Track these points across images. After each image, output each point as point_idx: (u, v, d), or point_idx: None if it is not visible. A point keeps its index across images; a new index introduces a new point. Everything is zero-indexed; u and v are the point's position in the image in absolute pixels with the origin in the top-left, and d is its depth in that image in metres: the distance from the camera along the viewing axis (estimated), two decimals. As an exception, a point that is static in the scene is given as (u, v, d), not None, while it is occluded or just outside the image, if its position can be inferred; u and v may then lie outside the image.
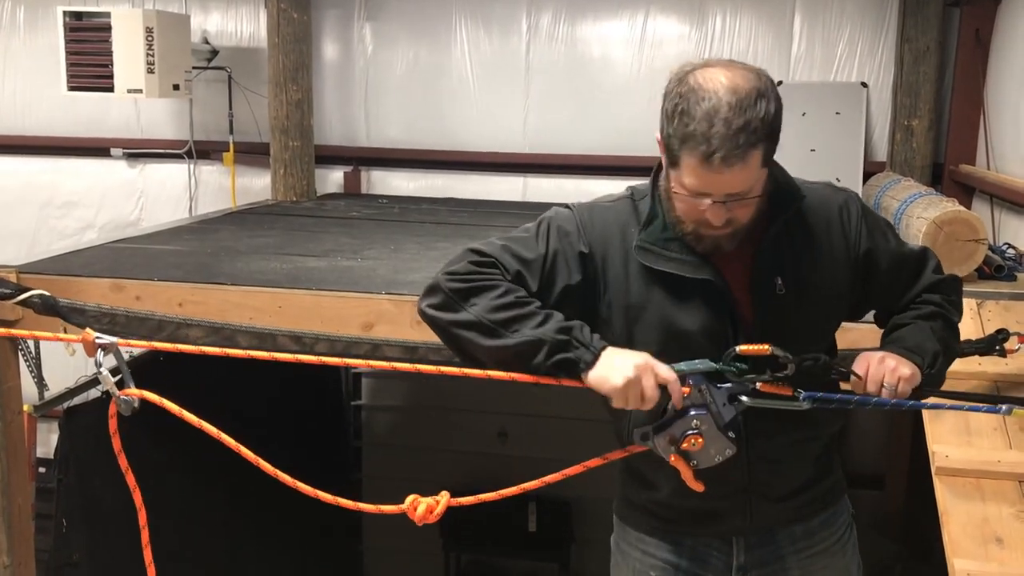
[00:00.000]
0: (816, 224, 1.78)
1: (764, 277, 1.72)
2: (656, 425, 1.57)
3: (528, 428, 5.59)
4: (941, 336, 1.79)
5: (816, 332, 1.78)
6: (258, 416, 4.63)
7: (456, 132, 5.75)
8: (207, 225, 4.66)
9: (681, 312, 1.71)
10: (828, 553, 1.95)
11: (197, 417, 1.70)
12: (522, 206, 5.52)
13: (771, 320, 1.71)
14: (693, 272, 1.70)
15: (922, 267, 1.89)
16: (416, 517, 1.35)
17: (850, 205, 1.83)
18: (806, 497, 1.90)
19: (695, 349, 1.68)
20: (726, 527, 1.88)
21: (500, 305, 1.64)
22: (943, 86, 5.04)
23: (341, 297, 3.13)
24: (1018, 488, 2.31)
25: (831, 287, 1.77)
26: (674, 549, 1.92)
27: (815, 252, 1.77)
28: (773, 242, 1.73)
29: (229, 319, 3.15)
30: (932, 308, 1.84)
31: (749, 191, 1.61)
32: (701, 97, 1.55)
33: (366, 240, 4.15)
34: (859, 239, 1.81)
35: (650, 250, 1.71)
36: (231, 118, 5.87)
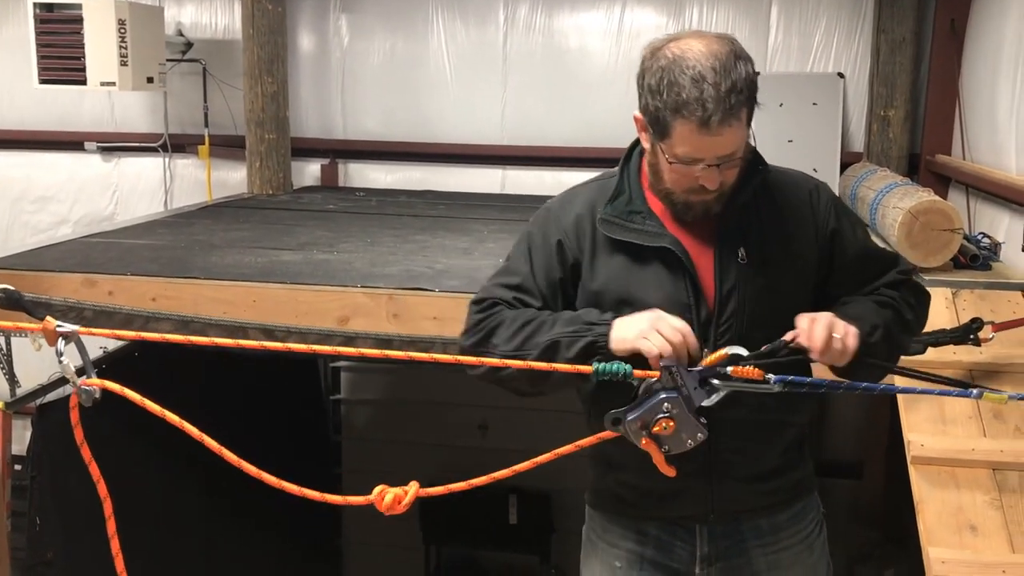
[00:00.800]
0: (785, 200, 1.81)
1: (727, 246, 1.75)
2: (627, 409, 1.56)
3: (508, 421, 5.57)
4: (886, 318, 1.75)
5: (780, 306, 1.73)
6: (235, 411, 4.59)
7: (434, 124, 5.71)
8: (182, 219, 4.61)
9: (643, 282, 1.75)
10: (795, 550, 1.92)
11: (170, 411, 1.68)
12: (501, 198, 5.50)
13: (733, 290, 1.74)
14: (652, 241, 1.74)
15: (887, 267, 1.88)
16: (383, 507, 1.33)
17: (821, 190, 1.86)
18: (771, 485, 1.87)
19: None
20: (689, 511, 1.85)
21: (511, 334, 1.73)
22: (919, 76, 5.05)
23: (316, 291, 3.10)
24: (992, 476, 2.32)
25: (796, 261, 1.78)
26: (639, 539, 1.91)
27: (781, 226, 1.79)
28: (739, 212, 1.76)
29: (203, 314, 3.11)
30: (885, 298, 1.81)
31: (739, 151, 1.66)
32: (685, 66, 1.60)
33: (342, 233, 4.13)
34: (827, 219, 1.83)
35: (612, 222, 1.77)
36: (206, 111, 5.82)
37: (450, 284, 3.13)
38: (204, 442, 1.36)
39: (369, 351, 1.48)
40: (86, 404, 1.32)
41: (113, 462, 3.93)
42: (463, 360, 1.50)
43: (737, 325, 1.74)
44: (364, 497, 1.35)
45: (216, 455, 1.30)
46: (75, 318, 2.38)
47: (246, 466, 1.38)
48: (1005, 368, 2.62)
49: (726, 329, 1.73)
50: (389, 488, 1.34)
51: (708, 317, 1.73)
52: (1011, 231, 3.88)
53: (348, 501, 1.34)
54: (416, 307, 2.98)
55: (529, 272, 1.81)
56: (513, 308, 1.78)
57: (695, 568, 1.88)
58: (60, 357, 1.29)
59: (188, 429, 1.36)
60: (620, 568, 1.93)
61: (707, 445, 1.73)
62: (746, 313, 1.73)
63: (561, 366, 1.61)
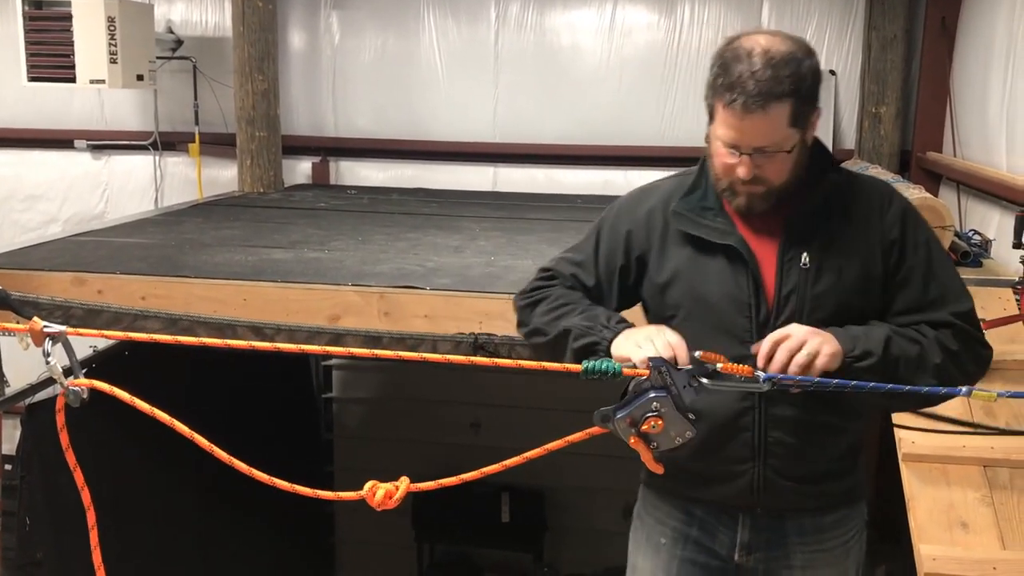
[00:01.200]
0: (857, 209, 1.80)
1: (790, 250, 1.77)
2: (616, 407, 1.56)
3: (501, 419, 5.57)
4: (897, 351, 1.69)
5: (841, 313, 1.74)
6: (227, 409, 4.58)
7: (425, 122, 5.71)
8: (172, 217, 4.59)
9: (707, 277, 1.80)
10: (833, 554, 1.93)
11: (161, 409, 1.68)
12: (492, 196, 5.50)
13: (792, 293, 1.76)
14: (720, 238, 1.79)
15: (943, 302, 1.77)
16: (375, 503, 1.33)
17: (896, 199, 1.84)
18: (821, 489, 1.87)
19: (719, 314, 1.77)
20: (736, 500, 1.87)
21: (549, 308, 1.85)
22: (910, 74, 5.07)
23: (307, 289, 3.09)
24: (983, 473, 2.32)
25: (860, 270, 1.76)
26: (686, 518, 1.95)
27: (849, 234, 1.78)
28: (806, 217, 1.78)
29: (193, 312, 3.10)
30: (915, 334, 1.73)
31: (775, 146, 1.68)
32: (738, 56, 1.66)
33: (333, 231, 4.11)
34: (892, 228, 1.79)
35: (685, 215, 1.82)
36: (196, 109, 5.80)
37: (441, 282, 3.12)
38: (195, 440, 1.35)
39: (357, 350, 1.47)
40: (74, 405, 1.31)
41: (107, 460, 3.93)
42: (452, 359, 1.50)
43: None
44: (355, 492, 1.34)
45: (209, 453, 1.31)
46: (63, 317, 2.37)
47: (236, 463, 1.37)
48: (996, 365, 2.59)
49: None
50: (380, 484, 1.34)
51: (767, 317, 1.76)
52: (1001, 228, 3.89)
53: (340, 497, 1.34)
54: (407, 305, 2.98)
55: (593, 254, 1.91)
56: (568, 284, 1.90)
57: (735, 553, 1.92)
58: (47, 358, 1.28)
59: (178, 427, 1.35)
60: (665, 544, 1.98)
61: (759, 442, 1.81)
62: (804, 317, 1.73)
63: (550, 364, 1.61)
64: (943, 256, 1.85)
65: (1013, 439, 2.36)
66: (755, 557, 1.91)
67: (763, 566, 1.92)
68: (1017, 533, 2.18)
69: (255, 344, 1.39)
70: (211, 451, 1.34)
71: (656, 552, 1.99)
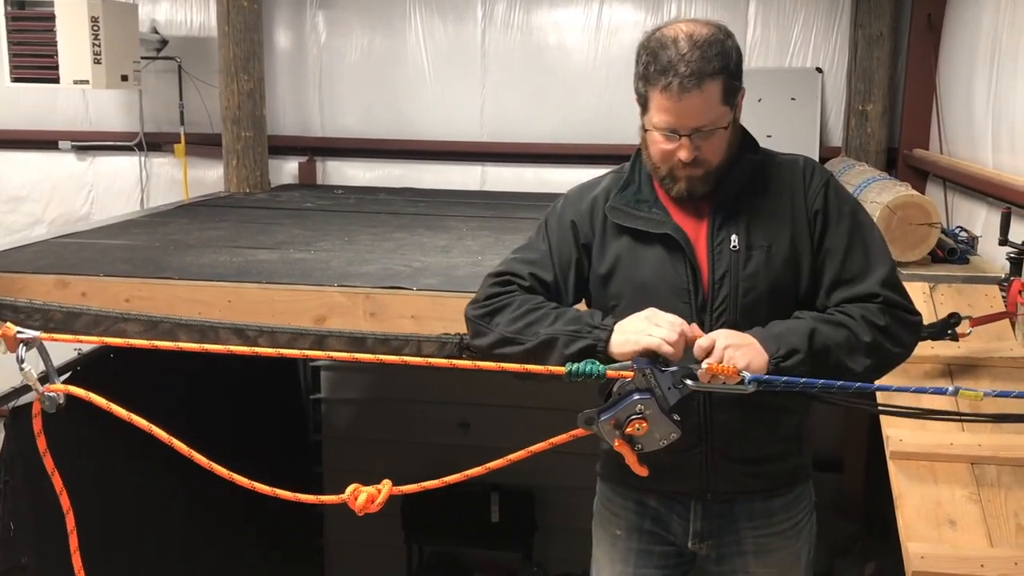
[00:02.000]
0: (780, 185, 1.84)
1: (719, 233, 1.81)
2: (600, 409, 1.55)
3: (490, 418, 5.55)
4: (825, 341, 1.68)
5: (775, 292, 1.79)
6: (214, 411, 4.56)
7: (412, 121, 5.69)
8: (157, 218, 4.56)
9: (646, 266, 1.83)
10: (784, 536, 1.97)
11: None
12: (480, 195, 5.48)
13: (724, 276, 1.79)
14: (656, 227, 1.82)
15: (868, 273, 1.78)
16: (356, 507, 1.31)
17: (817, 170, 1.86)
18: (767, 470, 1.91)
19: (658, 301, 1.76)
20: (686, 487, 1.91)
21: (517, 316, 1.79)
22: (896, 71, 5.07)
23: (292, 290, 3.07)
24: (970, 470, 2.32)
25: (788, 246, 1.80)
26: (639, 509, 1.99)
27: (775, 211, 1.81)
28: (733, 199, 1.82)
29: (177, 314, 3.07)
30: (841, 316, 1.74)
31: (712, 124, 1.72)
32: (664, 44, 1.71)
33: (319, 231, 4.09)
34: (814, 200, 1.82)
35: (620, 210, 1.86)
36: (182, 109, 5.77)
37: (428, 283, 3.11)
38: (173, 445, 1.33)
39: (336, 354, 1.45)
40: (49, 411, 1.29)
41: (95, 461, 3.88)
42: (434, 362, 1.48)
43: (731, 311, 1.79)
44: (337, 496, 1.33)
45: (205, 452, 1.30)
46: (41, 320, 2.34)
47: (216, 468, 1.36)
48: (983, 362, 2.62)
49: (720, 314, 1.79)
50: (363, 487, 1.32)
51: (704, 303, 1.80)
52: (988, 225, 3.89)
53: (321, 500, 1.32)
54: (393, 306, 2.96)
55: (546, 249, 1.91)
56: (526, 284, 1.86)
57: (688, 542, 1.95)
58: (21, 364, 1.25)
59: (156, 433, 1.33)
60: (620, 536, 2.02)
61: (705, 425, 1.84)
62: (739, 299, 1.78)
63: (534, 367, 1.60)
64: (867, 224, 1.86)
65: (1000, 436, 2.36)
66: (708, 544, 1.95)
67: (715, 553, 1.96)
68: (1004, 530, 2.18)
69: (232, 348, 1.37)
70: (190, 456, 1.32)
71: (613, 545, 2.04)
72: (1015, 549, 2.12)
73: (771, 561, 1.96)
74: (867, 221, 1.87)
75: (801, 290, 1.82)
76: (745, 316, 1.77)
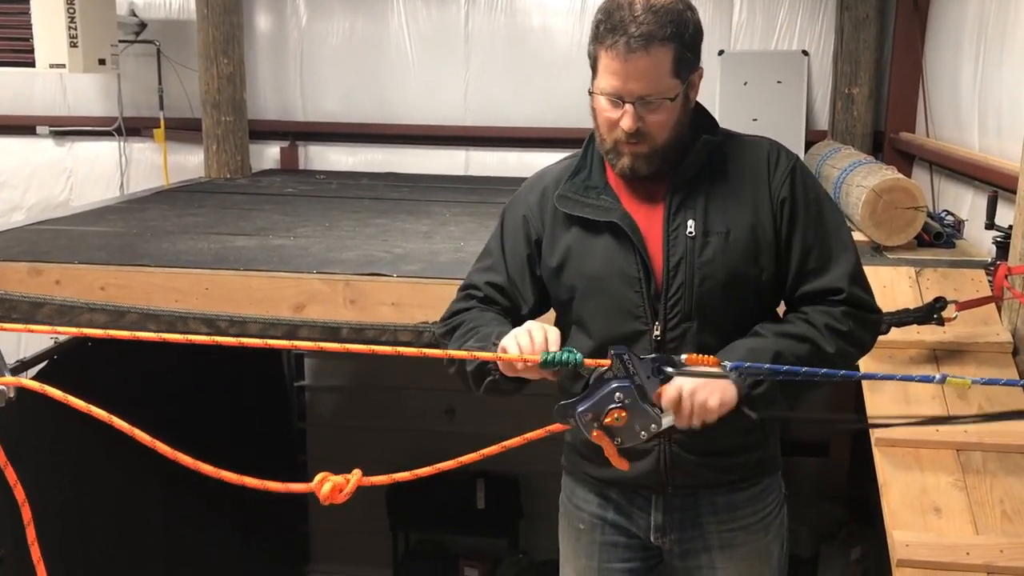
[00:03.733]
0: (741, 169, 1.75)
1: (675, 218, 1.73)
2: (577, 400, 1.49)
3: (476, 405, 5.50)
4: (789, 360, 1.63)
5: (733, 282, 1.71)
6: (194, 399, 4.51)
7: (395, 105, 5.62)
8: (135, 205, 4.49)
9: (595, 257, 1.76)
10: (750, 530, 1.90)
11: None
12: (464, 180, 5.43)
13: (680, 263, 1.72)
14: (603, 215, 1.74)
15: (836, 262, 1.72)
16: (322, 496, 1.27)
17: (783, 155, 1.78)
18: (729, 463, 1.84)
19: (610, 292, 1.74)
20: (646, 480, 1.84)
21: (458, 336, 1.77)
22: (883, 54, 5.03)
23: (271, 277, 3.02)
24: (956, 457, 2.30)
25: (749, 234, 1.72)
26: (601, 503, 1.94)
27: (735, 196, 1.73)
28: (690, 182, 1.74)
29: (153, 302, 3.03)
30: (806, 328, 1.68)
31: (658, 93, 1.64)
32: (620, 5, 1.65)
33: (300, 217, 4.04)
34: (780, 187, 1.74)
35: (569, 198, 1.78)
36: (161, 93, 5.68)
37: (409, 269, 3.06)
38: (135, 436, 1.28)
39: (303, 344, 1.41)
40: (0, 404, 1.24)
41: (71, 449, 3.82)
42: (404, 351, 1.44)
43: (686, 300, 1.72)
44: (305, 485, 1.29)
45: (176, 443, 1.26)
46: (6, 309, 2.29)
47: (181, 457, 1.31)
48: (968, 347, 2.60)
49: (675, 303, 1.72)
50: (331, 476, 1.27)
51: (657, 292, 1.72)
52: (974, 208, 3.87)
53: (288, 488, 1.28)
54: (373, 293, 2.92)
55: (500, 253, 1.86)
56: (482, 295, 1.83)
57: (651, 536, 1.90)
58: (-30, 358, 1.21)
59: (117, 424, 1.28)
60: (584, 530, 1.97)
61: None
62: (694, 288, 1.71)
63: (510, 356, 1.55)
64: (833, 213, 1.79)
65: (986, 423, 2.34)
66: (671, 539, 1.89)
67: (679, 547, 1.90)
68: (990, 518, 2.16)
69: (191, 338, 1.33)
70: (153, 446, 1.27)
71: (577, 538, 1.99)
72: (1000, 536, 2.10)
73: (737, 556, 1.90)
74: (833, 210, 1.81)
75: (762, 278, 1.74)
76: (701, 306, 1.71)
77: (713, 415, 1.57)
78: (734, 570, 1.90)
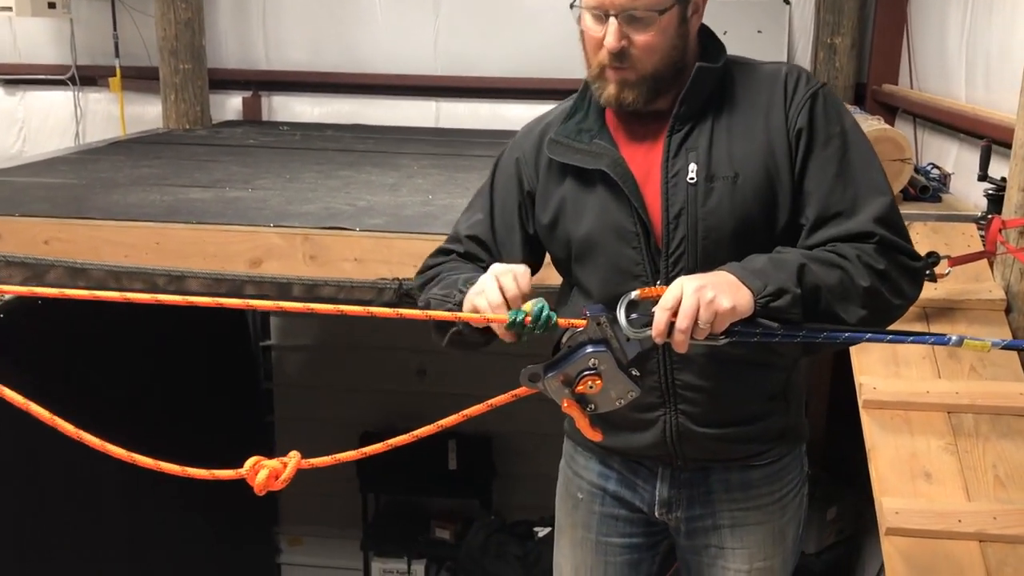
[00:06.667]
0: (753, 101, 1.52)
1: (675, 162, 1.51)
2: (547, 364, 1.32)
3: (448, 365, 5.38)
4: (814, 280, 1.38)
5: (743, 233, 1.49)
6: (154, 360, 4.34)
7: (363, 54, 5.39)
8: (88, 156, 4.28)
9: (589, 210, 1.56)
10: (765, 510, 1.72)
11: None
12: (434, 132, 5.24)
13: (680, 214, 1.50)
14: (592, 162, 1.54)
15: (864, 204, 1.46)
16: (257, 485, 1.13)
17: (802, 79, 1.53)
18: (745, 434, 1.63)
19: (606, 250, 1.55)
20: (651, 450, 1.65)
21: (432, 287, 1.60)
22: (866, 3, 4.89)
23: (225, 231, 2.85)
24: (947, 419, 2.19)
25: (761, 176, 1.48)
26: (602, 471, 1.76)
27: (744, 134, 1.50)
28: (691, 122, 1.52)
29: (101, 258, 2.86)
30: (831, 255, 1.42)
31: (644, 5, 1.43)
32: None
33: (260, 169, 3.84)
34: (798, 115, 1.49)
35: (560, 143, 1.59)
36: (116, 40, 5.41)
37: (372, 223, 2.89)
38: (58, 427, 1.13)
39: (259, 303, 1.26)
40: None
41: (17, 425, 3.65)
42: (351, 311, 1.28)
43: (690, 255, 1.50)
44: (235, 471, 1.14)
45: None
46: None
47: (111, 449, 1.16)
48: (960, 305, 2.48)
49: (677, 259, 1.51)
50: (265, 461, 1.13)
51: (657, 247, 1.52)
52: (960, 161, 3.76)
53: (215, 476, 1.13)
54: (335, 248, 2.75)
55: (488, 202, 1.68)
56: (462, 250, 1.66)
57: (655, 511, 1.73)
58: None
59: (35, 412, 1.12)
60: (583, 500, 1.80)
61: (667, 385, 1.58)
62: (698, 241, 1.50)
63: (473, 316, 1.40)
64: (863, 149, 1.52)
65: (979, 383, 2.23)
66: (676, 516, 1.72)
67: (685, 525, 1.73)
68: (981, 482, 2.06)
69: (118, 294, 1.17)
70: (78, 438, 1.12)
71: (575, 507, 1.82)
72: (993, 503, 2.00)
73: (749, 538, 1.71)
74: (862, 144, 1.52)
75: (777, 228, 1.51)
76: (707, 261, 1.48)
77: (723, 321, 1.30)
78: (744, 553, 1.72)
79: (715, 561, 1.75)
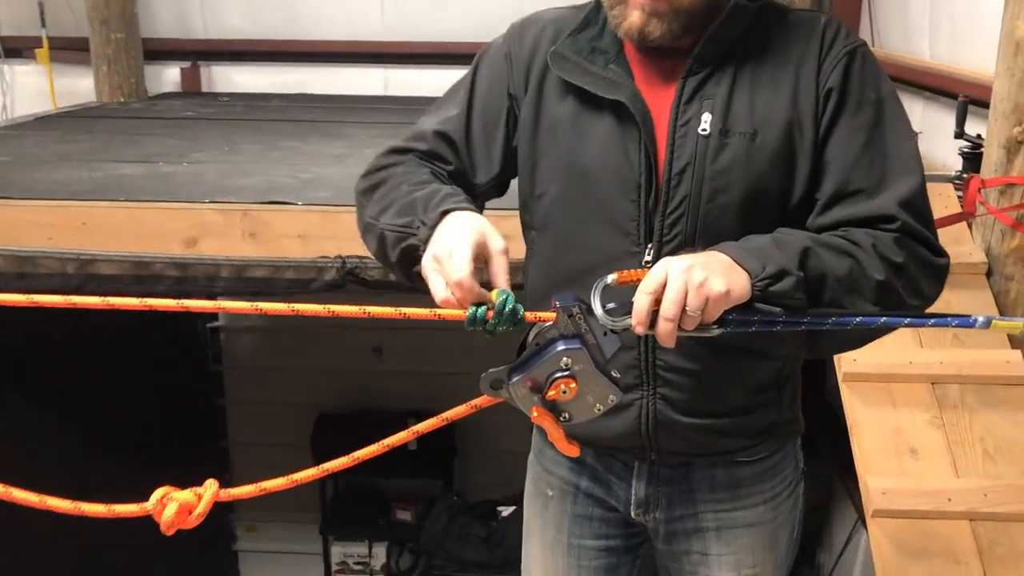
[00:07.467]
0: (784, 51, 1.32)
1: (685, 111, 1.30)
2: (511, 367, 1.10)
3: (405, 342, 5.22)
4: (820, 266, 1.19)
5: (754, 198, 1.29)
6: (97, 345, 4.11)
7: (307, 19, 5.17)
8: (12, 131, 4.02)
9: (590, 143, 1.34)
10: (756, 511, 1.52)
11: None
12: (383, 100, 5.04)
13: (686, 169, 1.30)
14: (608, 91, 1.31)
15: (889, 183, 1.27)
16: (164, 523, 0.93)
17: (841, 33, 1.33)
18: (732, 427, 1.44)
19: (599, 196, 1.33)
20: (625, 442, 1.45)
21: (380, 197, 1.34)
22: (824, -42, 4.77)
23: (158, 208, 2.63)
24: (931, 390, 2.08)
25: (783, 137, 1.29)
26: (573, 467, 1.56)
27: (769, 87, 1.30)
28: (713, 66, 1.31)
29: (23, 241, 2.63)
30: (842, 241, 1.24)
31: None
32: None
33: (197, 142, 3.62)
34: (830, 73, 1.28)
35: (568, 59, 1.35)
36: (42, 8, 5.10)
37: (318, 196, 2.69)
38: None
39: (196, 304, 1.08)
40: None
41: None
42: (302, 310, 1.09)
43: (689, 218, 1.30)
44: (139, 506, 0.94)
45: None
46: None
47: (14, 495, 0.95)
48: (939, 269, 2.37)
49: (675, 221, 1.31)
50: (175, 493, 0.92)
51: (655, 203, 1.32)
52: (925, 121, 3.67)
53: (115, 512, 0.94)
54: (276, 224, 2.55)
55: (467, 95, 1.43)
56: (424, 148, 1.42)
57: (631, 511, 1.54)
58: None
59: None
60: (553, 498, 1.60)
61: (646, 363, 1.37)
62: (701, 204, 1.29)
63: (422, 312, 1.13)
64: (900, 121, 1.32)
65: (964, 351, 2.12)
66: (655, 517, 1.53)
67: (665, 528, 1.54)
68: (970, 457, 1.96)
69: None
70: None
71: (545, 507, 1.62)
72: (983, 479, 1.90)
73: (736, 542, 1.52)
74: (898, 118, 1.33)
75: (790, 203, 1.31)
76: (707, 228, 1.29)
77: (715, 308, 1.10)
78: (731, 559, 1.53)
79: (697, 569, 1.56)
